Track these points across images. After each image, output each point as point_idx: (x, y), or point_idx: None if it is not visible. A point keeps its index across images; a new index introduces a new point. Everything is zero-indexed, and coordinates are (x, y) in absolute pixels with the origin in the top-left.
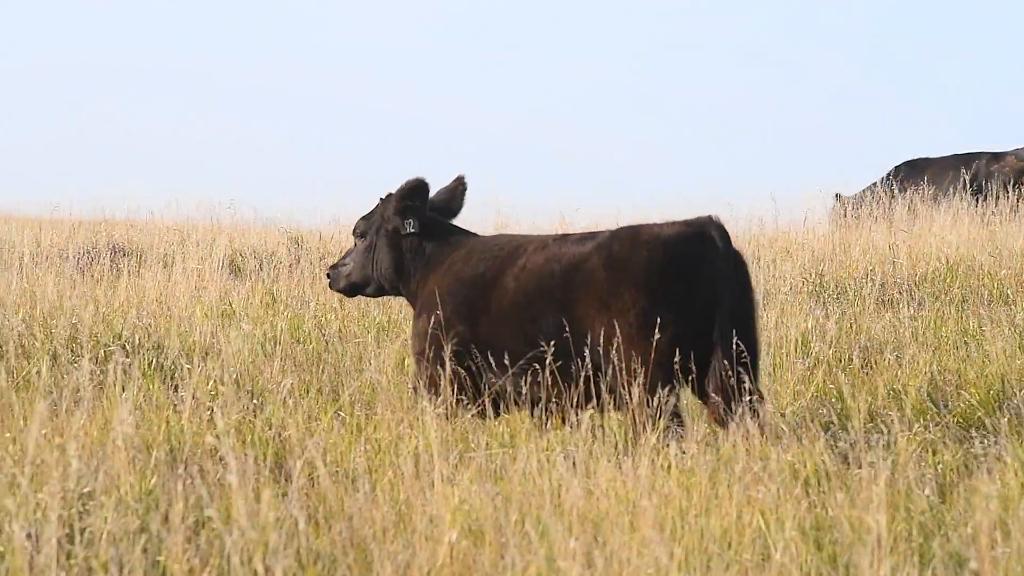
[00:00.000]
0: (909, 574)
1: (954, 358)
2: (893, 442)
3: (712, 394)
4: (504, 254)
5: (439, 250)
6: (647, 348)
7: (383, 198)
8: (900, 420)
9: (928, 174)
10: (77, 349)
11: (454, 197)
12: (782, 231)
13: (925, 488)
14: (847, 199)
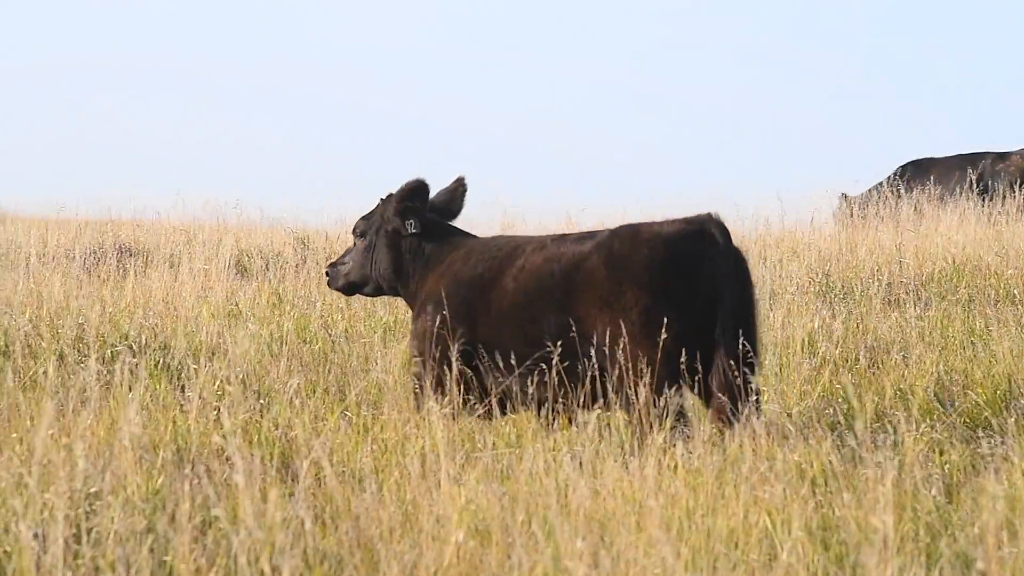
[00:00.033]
0: (916, 574)
1: (961, 358)
2: (900, 442)
3: (717, 393)
4: (502, 255)
5: (438, 251)
6: (650, 346)
7: (383, 198)
8: (907, 420)
9: (934, 174)
10: (84, 349)
11: (454, 198)
12: (788, 231)
13: (932, 488)
14: (853, 199)
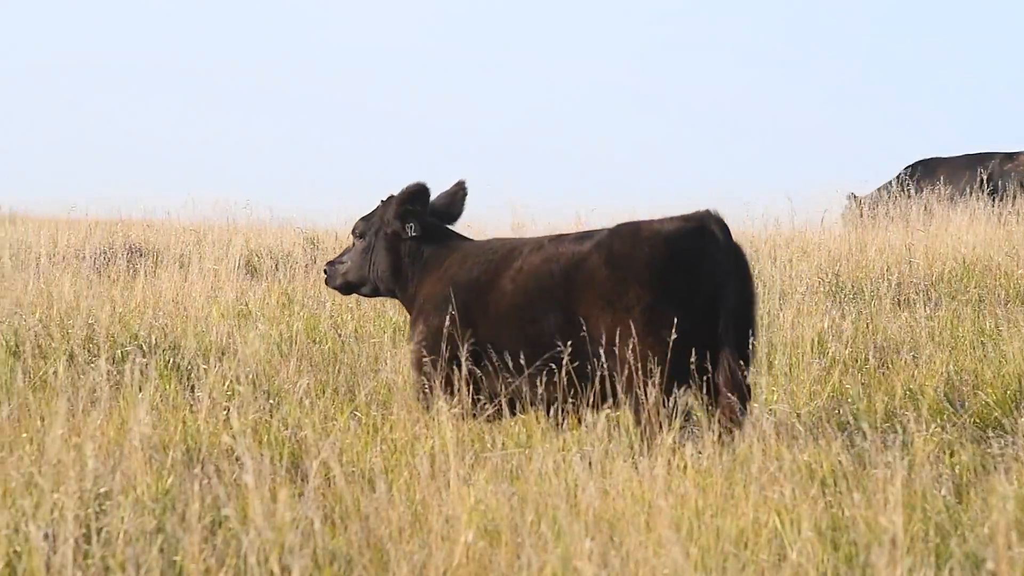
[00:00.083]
0: (926, 574)
1: (971, 358)
2: (910, 442)
3: (725, 391)
4: (498, 257)
5: (436, 254)
6: (653, 344)
7: (384, 200)
8: (916, 420)
9: (943, 174)
10: (94, 349)
11: (454, 202)
12: (798, 231)
13: (942, 488)
14: (863, 199)
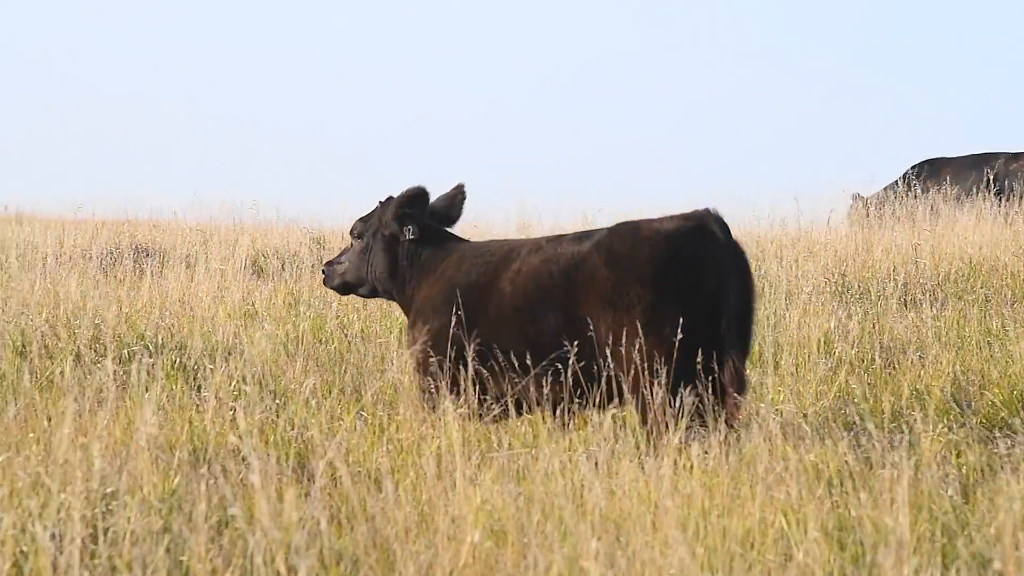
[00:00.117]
0: (932, 575)
1: (977, 358)
2: (916, 442)
3: (729, 389)
4: (496, 259)
5: (433, 256)
6: (654, 343)
7: (382, 201)
8: (923, 420)
9: (948, 174)
10: (100, 349)
11: (453, 205)
12: (804, 231)
13: (948, 488)
14: (869, 199)
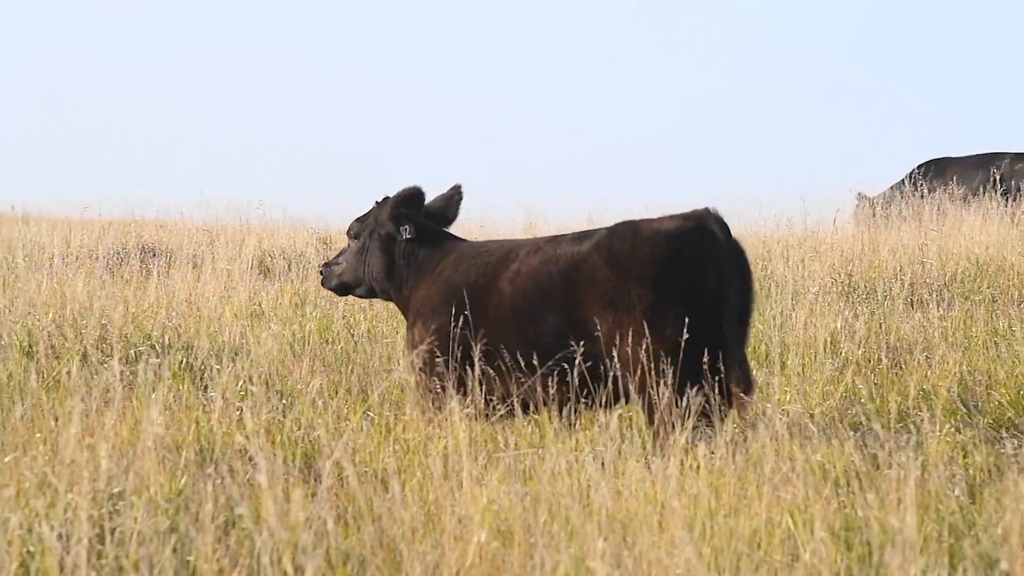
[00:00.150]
0: (939, 575)
1: (984, 358)
2: (923, 443)
3: (736, 390)
4: (495, 259)
5: (430, 256)
6: (656, 343)
7: (379, 201)
8: (930, 421)
9: (954, 174)
10: (107, 349)
11: (450, 205)
12: (811, 231)
13: (955, 489)
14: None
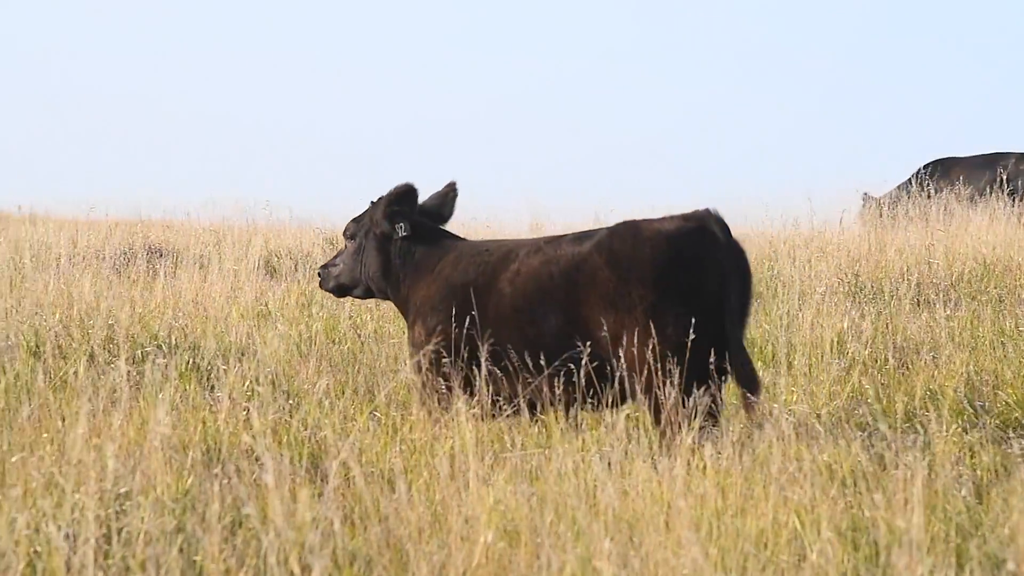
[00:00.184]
0: (946, 575)
1: (991, 358)
2: (930, 443)
3: (742, 390)
4: (495, 259)
5: (428, 255)
6: (657, 343)
7: (373, 201)
8: (937, 421)
9: (960, 174)
10: (114, 350)
11: (445, 202)
12: (817, 231)
13: (962, 489)
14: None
